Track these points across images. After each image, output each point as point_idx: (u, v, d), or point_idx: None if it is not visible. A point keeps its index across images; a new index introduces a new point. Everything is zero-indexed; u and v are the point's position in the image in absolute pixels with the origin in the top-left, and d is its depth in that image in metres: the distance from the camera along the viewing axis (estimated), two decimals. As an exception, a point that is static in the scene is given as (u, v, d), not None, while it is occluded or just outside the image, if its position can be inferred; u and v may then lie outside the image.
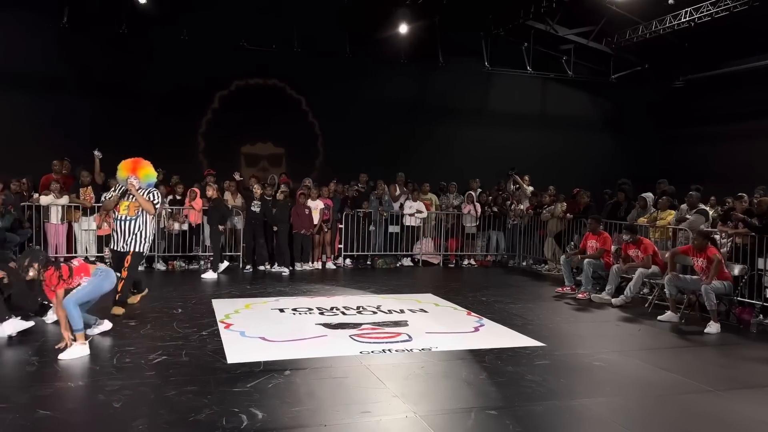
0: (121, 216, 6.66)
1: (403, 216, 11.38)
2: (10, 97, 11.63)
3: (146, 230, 6.76)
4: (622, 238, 8.37)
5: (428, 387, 4.58)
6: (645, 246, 8.03)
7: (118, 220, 6.67)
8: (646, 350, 5.92)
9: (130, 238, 6.66)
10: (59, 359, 4.84)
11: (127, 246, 6.66)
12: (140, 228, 6.69)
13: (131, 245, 6.66)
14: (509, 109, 15.33)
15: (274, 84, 13.59)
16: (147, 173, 6.79)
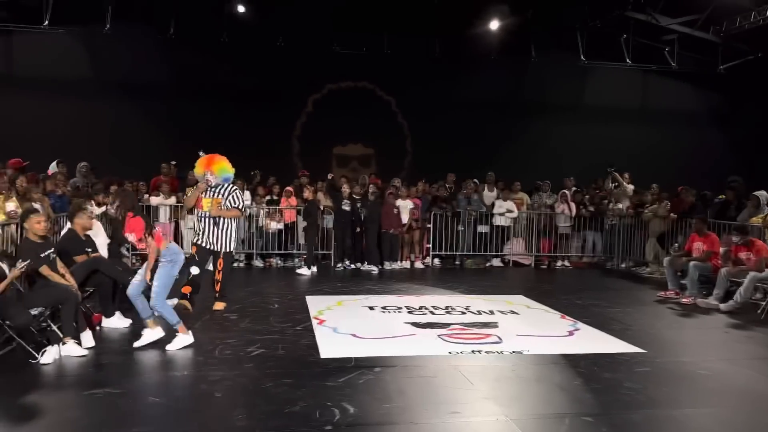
0: (205, 213, 6.66)
1: (493, 215, 11.22)
2: (123, 105, 12.59)
3: (232, 228, 6.80)
4: (731, 239, 7.82)
5: (520, 390, 4.50)
6: (758, 248, 7.46)
7: (203, 217, 6.69)
8: (759, 359, 5.50)
9: (217, 237, 6.67)
10: (167, 349, 5.15)
11: (216, 245, 6.68)
12: (227, 225, 6.70)
13: (220, 245, 6.68)
14: (607, 103, 14.71)
15: (365, 86, 13.83)
16: (222, 167, 6.70)
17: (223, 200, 6.67)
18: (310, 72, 13.22)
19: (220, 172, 6.67)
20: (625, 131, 14.46)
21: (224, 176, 6.71)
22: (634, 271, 10.91)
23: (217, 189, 6.68)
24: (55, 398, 4.19)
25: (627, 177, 11.71)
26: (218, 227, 6.66)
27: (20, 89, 12.26)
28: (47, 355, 4.74)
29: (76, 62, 12.69)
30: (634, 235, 11.06)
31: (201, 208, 6.71)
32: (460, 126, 13.55)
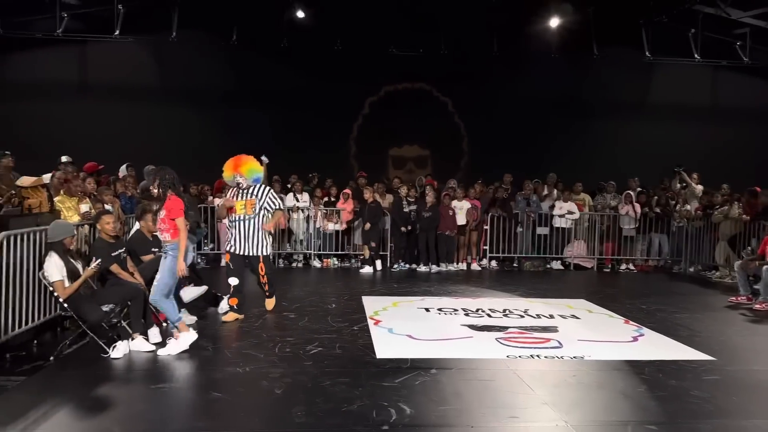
0: (238, 216, 6.36)
1: (552, 217, 10.99)
2: (187, 109, 13.06)
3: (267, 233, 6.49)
4: None
5: (580, 396, 4.39)
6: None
7: (237, 221, 6.36)
8: (842, 371, 5.18)
9: (254, 241, 6.37)
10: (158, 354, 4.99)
11: (253, 250, 6.40)
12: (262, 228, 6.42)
13: (258, 249, 6.41)
14: (673, 100, 14.15)
15: (421, 87, 13.83)
16: (250, 168, 6.37)
17: (257, 201, 6.38)
18: (367, 74, 13.33)
19: (250, 173, 6.36)
20: (694, 129, 13.89)
21: (254, 177, 6.41)
22: (703, 276, 10.46)
23: (249, 190, 6.39)
24: (125, 391, 4.38)
25: (696, 177, 11.22)
26: (253, 231, 6.36)
27: (93, 96, 12.91)
28: (117, 350, 4.97)
29: (145, 69, 13.26)
30: (703, 238, 10.59)
31: (234, 212, 6.39)
32: (518, 125, 13.34)
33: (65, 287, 4.97)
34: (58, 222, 5.22)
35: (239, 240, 6.38)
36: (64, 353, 5.04)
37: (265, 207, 6.42)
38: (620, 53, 13.83)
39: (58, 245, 5.03)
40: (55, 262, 4.97)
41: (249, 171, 6.35)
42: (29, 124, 12.37)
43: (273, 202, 6.48)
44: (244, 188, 6.37)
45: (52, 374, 4.65)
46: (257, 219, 6.37)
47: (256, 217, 6.37)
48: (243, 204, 6.36)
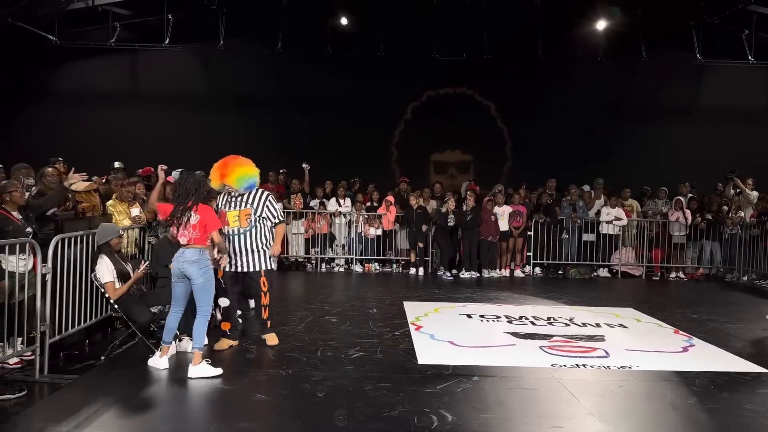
0: (232, 230, 5.28)
1: (599, 223, 10.75)
2: (234, 116, 13.35)
3: (269, 241, 5.46)
4: None
5: (627, 407, 4.27)
6: None
7: (231, 236, 5.29)
8: None
9: (253, 255, 5.36)
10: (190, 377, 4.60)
11: (252, 266, 5.37)
12: (262, 240, 5.37)
13: (258, 263, 5.39)
14: (726, 103, 13.69)
15: (464, 92, 13.77)
16: (239, 176, 5.26)
17: (252, 211, 5.32)
18: (410, 79, 13.34)
19: (239, 182, 5.27)
20: (748, 133, 13.39)
21: (247, 185, 5.32)
22: (758, 285, 10.05)
23: (242, 198, 5.34)
24: (170, 391, 4.48)
25: (750, 183, 10.80)
26: (252, 244, 5.33)
27: (144, 103, 13.34)
28: (165, 351, 5.08)
29: (193, 77, 13.63)
30: (758, 246, 10.18)
31: (227, 225, 5.30)
32: (563, 130, 13.13)
33: (116, 288, 5.13)
34: (104, 224, 5.39)
35: (234, 256, 5.34)
36: (114, 353, 5.20)
37: (264, 217, 5.38)
38: (670, 56, 13.47)
39: (105, 247, 5.19)
40: (106, 264, 5.13)
41: (238, 179, 5.25)
42: (82, 131, 12.90)
43: (272, 213, 5.41)
44: (236, 195, 5.33)
45: (103, 373, 4.80)
46: (255, 231, 5.33)
47: (253, 229, 5.32)
48: (236, 215, 5.29)
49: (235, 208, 5.31)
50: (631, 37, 12.97)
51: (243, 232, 5.30)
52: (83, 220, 5.85)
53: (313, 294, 8.47)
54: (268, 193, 5.50)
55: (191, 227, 4.67)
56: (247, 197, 5.36)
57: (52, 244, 4.70)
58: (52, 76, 13.47)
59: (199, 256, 4.68)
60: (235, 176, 5.24)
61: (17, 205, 4.95)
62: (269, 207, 5.40)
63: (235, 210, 5.31)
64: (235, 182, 5.24)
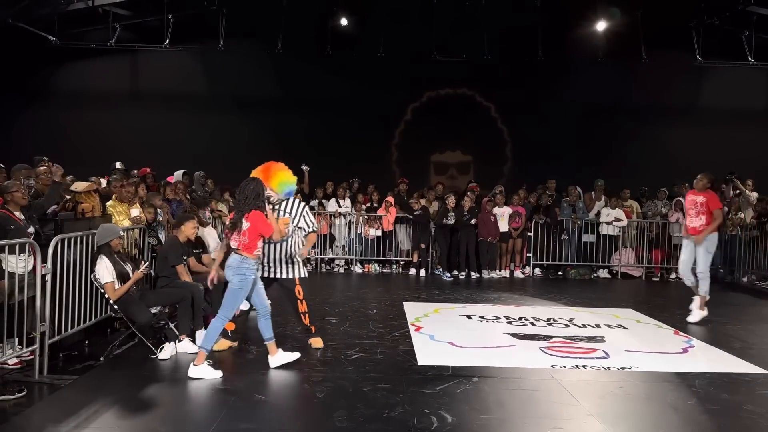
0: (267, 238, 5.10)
1: (599, 224, 10.75)
2: (234, 117, 13.35)
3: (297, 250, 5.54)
4: None
5: (627, 408, 4.27)
6: None
7: (268, 243, 5.30)
8: None
9: (288, 264, 5.50)
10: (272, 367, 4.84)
11: (286, 273, 5.50)
12: (296, 249, 5.50)
13: (292, 271, 5.52)
14: (726, 105, 13.69)
15: (464, 92, 13.77)
16: (281, 181, 5.41)
17: (291, 219, 5.44)
18: (410, 80, 13.36)
19: (281, 186, 5.40)
20: (748, 135, 13.39)
21: (287, 190, 5.47)
22: (758, 286, 10.05)
23: (280, 206, 5.46)
24: (171, 392, 4.48)
25: (750, 184, 10.81)
26: (289, 250, 5.44)
27: (144, 104, 13.33)
28: (165, 352, 5.09)
29: (193, 78, 13.62)
30: (758, 247, 10.19)
31: None
32: (563, 131, 13.14)
33: (115, 289, 5.12)
34: (104, 225, 5.39)
35: (268, 263, 5.43)
36: (114, 354, 5.20)
37: (300, 227, 5.50)
38: (670, 57, 13.46)
39: (105, 247, 5.19)
40: (106, 265, 5.13)
41: (280, 184, 5.39)
42: (83, 132, 12.90)
43: (307, 223, 5.55)
44: (276, 203, 5.40)
45: (102, 374, 4.80)
46: (290, 240, 5.42)
47: (289, 238, 5.42)
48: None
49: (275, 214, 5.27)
50: (631, 38, 12.96)
51: (281, 240, 5.35)
52: (83, 221, 5.85)
53: (312, 295, 8.43)
54: (304, 204, 5.69)
55: (242, 233, 4.71)
56: (286, 206, 5.48)
57: (51, 245, 4.70)
58: (53, 77, 13.47)
59: (240, 263, 4.71)
60: (277, 180, 5.36)
61: (19, 205, 4.97)
62: (305, 217, 5.55)
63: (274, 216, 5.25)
64: (278, 186, 5.35)
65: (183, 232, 5.84)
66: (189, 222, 5.91)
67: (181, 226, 5.89)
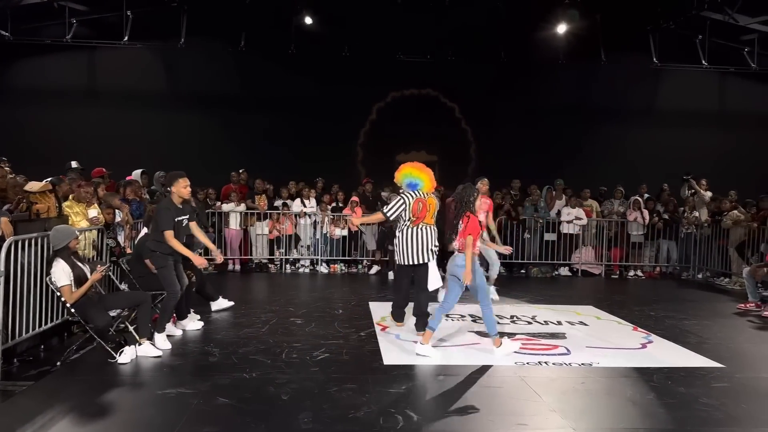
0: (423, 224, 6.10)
1: (560, 223, 10.95)
2: (196, 116, 13.10)
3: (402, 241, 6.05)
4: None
5: (589, 404, 4.36)
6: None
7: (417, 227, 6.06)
8: None
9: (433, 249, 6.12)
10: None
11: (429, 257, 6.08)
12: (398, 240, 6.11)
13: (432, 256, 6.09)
14: (682, 107, 14.10)
15: (428, 93, 13.84)
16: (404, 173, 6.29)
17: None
18: (375, 80, 13.35)
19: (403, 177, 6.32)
20: (702, 136, 13.83)
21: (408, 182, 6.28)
22: (712, 282, 10.39)
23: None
24: (131, 397, 4.38)
25: (704, 184, 11.18)
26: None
27: (102, 102, 12.98)
28: (125, 356, 4.97)
29: (153, 75, 13.34)
30: (712, 245, 10.54)
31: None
32: (525, 132, 13.34)
33: (72, 292, 4.98)
34: (58, 228, 5.20)
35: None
36: (71, 358, 5.06)
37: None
38: (628, 60, 13.80)
39: (63, 250, 5.05)
40: (62, 267, 4.98)
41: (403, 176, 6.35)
42: (38, 130, 12.47)
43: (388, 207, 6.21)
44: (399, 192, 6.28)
45: (59, 379, 4.66)
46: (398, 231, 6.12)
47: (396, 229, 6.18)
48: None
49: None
50: (590, 41, 13.24)
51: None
52: (38, 222, 5.67)
53: (277, 295, 8.40)
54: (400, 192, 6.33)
55: (461, 234, 5.25)
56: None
57: (4, 247, 4.55)
58: (6, 73, 13.00)
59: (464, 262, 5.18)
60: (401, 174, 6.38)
61: None
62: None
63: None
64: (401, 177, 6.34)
65: (176, 191, 5.53)
66: (180, 179, 5.56)
67: (172, 186, 5.54)
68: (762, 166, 13.26)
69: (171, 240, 5.40)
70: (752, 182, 11.86)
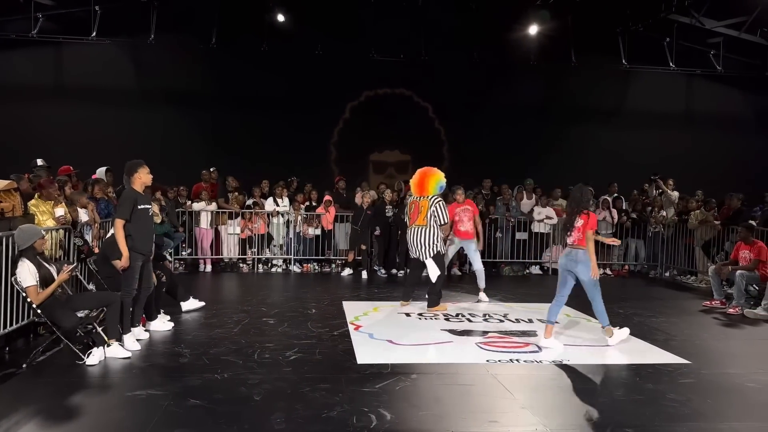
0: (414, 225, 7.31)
1: (532, 222, 11.08)
2: (166, 113, 12.89)
3: (433, 238, 7.27)
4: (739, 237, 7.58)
5: (559, 400, 4.42)
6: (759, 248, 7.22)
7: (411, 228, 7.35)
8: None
9: (422, 247, 7.27)
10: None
11: (420, 254, 7.31)
12: (429, 237, 7.23)
13: (423, 253, 7.27)
14: (650, 108, 14.38)
15: (402, 92, 13.86)
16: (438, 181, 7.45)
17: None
18: (348, 79, 13.33)
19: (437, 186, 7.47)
20: (669, 137, 14.11)
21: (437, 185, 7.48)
22: (679, 280, 10.62)
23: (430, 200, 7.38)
24: (100, 399, 4.31)
25: (671, 183, 11.43)
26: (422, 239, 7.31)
27: (69, 99, 12.69)
28: (93, 357, 4.88)
29: (122, 72, 13.07)
30: (678, 243, 10.78)
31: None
32: (498, 132, 13.45)
33: (38, 293, 4.87)
34: (23, 227, 5.07)
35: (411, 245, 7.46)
36: (37, 360, 4.94)
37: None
38: (598, 61, 14.00)
39: (29, 250, 4.93)
40: (28, 267, 4.87)
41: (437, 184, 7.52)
42: (3, 127, 12.13)
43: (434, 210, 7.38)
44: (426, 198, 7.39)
45: (25, 382, 4.55)
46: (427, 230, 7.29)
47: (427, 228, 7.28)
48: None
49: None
50: (561, 42, 13.42)
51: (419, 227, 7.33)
52: (3, 221, 5.54)
53: (250, 295, 8.33)
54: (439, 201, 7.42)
55: (576, 230, 5.58)
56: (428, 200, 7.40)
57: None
58: (-32, 69, 12.65)
59: (584, 257, 5.56)
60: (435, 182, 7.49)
61: None
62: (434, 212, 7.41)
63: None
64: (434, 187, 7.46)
65: (137, 179, 5.40)
66: (141, 168, 5.43)
67: (135, 174, 5.39)
68: (727, 166, 13.62)
69: (119, 230, 5.20)
70: (717, 182, 12.14)
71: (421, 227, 7.25)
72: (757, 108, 14.69)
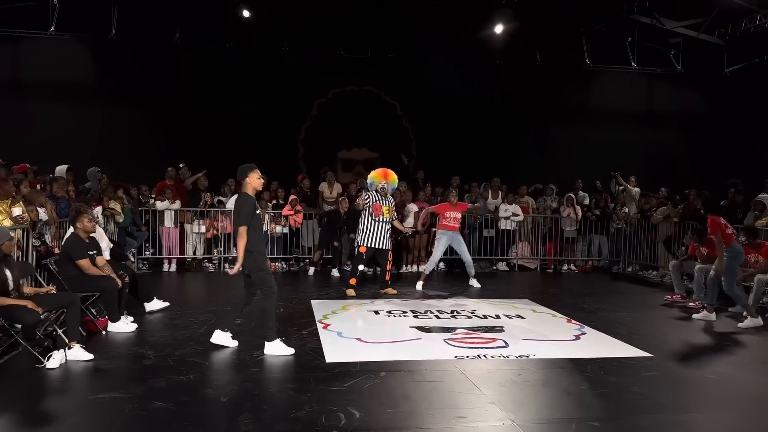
0: (385, 218, 8.10)
1: (498, 219, 11.20)
2: (128, 109, 12.57)
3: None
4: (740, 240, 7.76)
5: (526, 395, 4.47)
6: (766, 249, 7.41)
7: (379, 222, 8.07)
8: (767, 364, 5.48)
9: (386, 238, 8.14)
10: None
11: (383, 244, 8.13)
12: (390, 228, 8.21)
13: (388, 244, 8.20)
14: (612, 106, 14.67)
15: (369, 90, 13.84)
16: (394, 179, 8.35)
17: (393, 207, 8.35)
18: (315, 76, 13.24)
19: (394, 183, 8.37)
20: (631, 134, 14.40)
21: (394, 187, 8.49)
22: (641, 275, 10.87)
23: (387, 198, 8.23)
24: (61, 403, 4.19)
25: (633, 180, 11.68)
26: (388, 231, 8.16)
27: (26, 94, 12.29)
28: (53, 360, 4.73)
29: (82, 67, 12.71)
30: (640, 239, 11.02)
31: (382, 214, 8.09)
32: (465, 130, 13.54)
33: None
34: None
35: (377, 237, 8.09)
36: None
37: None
38: (562, 60, 14.20)
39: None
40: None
41: (393, 181, 8.33)
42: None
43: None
44: (385, 195, 8.18)
45: (-19, 387, 4.40)
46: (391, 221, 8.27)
47: (392, 220, 8.31)
48: (388, 209, 8.18)
49: (387, 204, 8.19)
50: (526, 41, 13.55)
51: (387, 221, 8.11)
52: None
53: (215, 295, 8.22)
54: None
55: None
56: (389, 198, 8.32)
57: None
58: None
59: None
60: (392, 178, 8.32)
61: None
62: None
63: (387, 206, 8.18)
64: (392, 182, 8.35)
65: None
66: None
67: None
68: (687, 163, 13.97)
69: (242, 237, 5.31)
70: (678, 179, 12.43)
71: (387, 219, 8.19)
72: (716, 107, 15.10)
